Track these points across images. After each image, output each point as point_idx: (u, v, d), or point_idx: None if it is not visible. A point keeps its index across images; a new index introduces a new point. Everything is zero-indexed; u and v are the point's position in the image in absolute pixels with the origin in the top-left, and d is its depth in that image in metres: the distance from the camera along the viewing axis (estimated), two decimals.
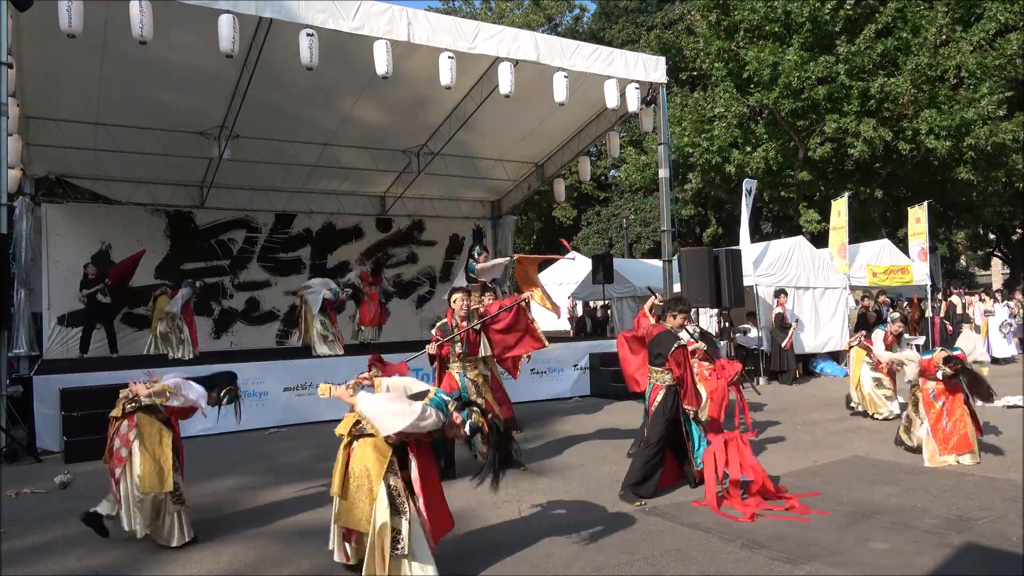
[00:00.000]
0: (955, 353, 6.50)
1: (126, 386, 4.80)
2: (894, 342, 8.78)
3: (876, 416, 8.98)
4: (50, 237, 12.67)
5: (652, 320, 6.34)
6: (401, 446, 3.79)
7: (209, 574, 4.22)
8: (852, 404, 9.48)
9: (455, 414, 3.78)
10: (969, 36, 17.87)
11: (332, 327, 10.99)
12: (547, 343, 7.02)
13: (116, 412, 4.74)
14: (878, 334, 9.16)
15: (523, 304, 6.95)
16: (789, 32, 18.78)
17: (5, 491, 6.16)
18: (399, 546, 3.64)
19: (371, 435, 3.79)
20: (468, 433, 3.82)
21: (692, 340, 6.54)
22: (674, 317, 6.06)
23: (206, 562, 4.39)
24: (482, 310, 6.96)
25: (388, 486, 3.69)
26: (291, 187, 14.91)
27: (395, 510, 3.67)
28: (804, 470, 6.36)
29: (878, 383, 9.15)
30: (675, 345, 5.74)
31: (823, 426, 8.55)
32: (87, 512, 4.69)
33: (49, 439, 7.91)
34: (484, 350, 6.81)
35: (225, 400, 4.88)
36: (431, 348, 6.50)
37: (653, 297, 6.75)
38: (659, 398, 5.74)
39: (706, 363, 7.14)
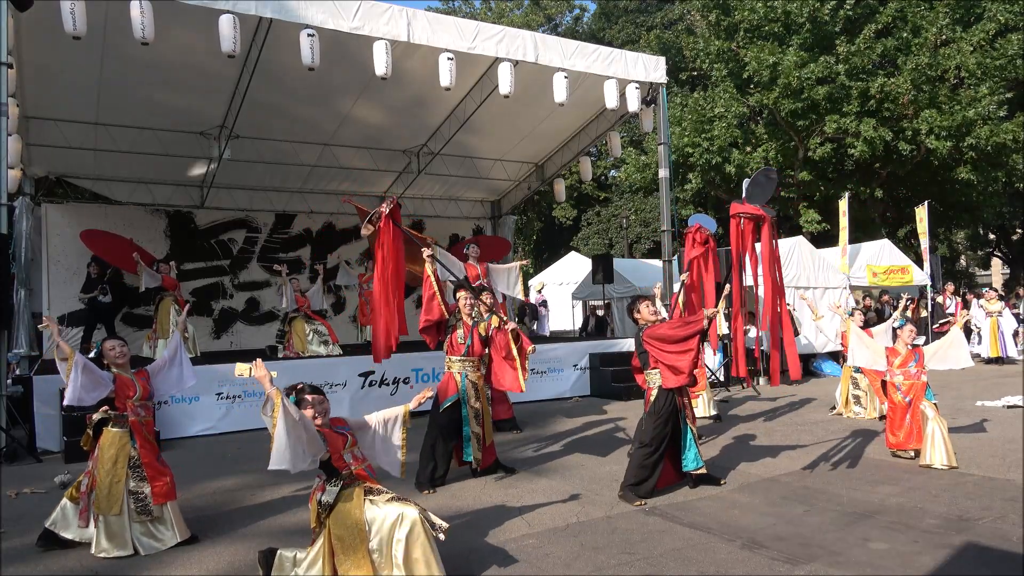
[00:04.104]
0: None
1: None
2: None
3: (849, 416, 9.17)
4: (50, 237, 12.66)
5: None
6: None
7: (209, 574, 4.22)
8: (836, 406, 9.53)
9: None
10: (969, 36, 17.88)
11: (323, 326, 11.06)
12: (523, 388, 6.48)
13: (85, 444, 4.72)
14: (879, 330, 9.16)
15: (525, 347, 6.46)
16: (789, 32, 18.80)
17: (5, 491, 6.17)
18: None
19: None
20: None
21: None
22: (638, 312, 5.86)
23: (206, 562, 4.39)
24: (494, 323, 6.67)
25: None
26: (291, 187, 14.91)
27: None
28: (804, 470, 6.36)
29: (855, 384, 9.24)
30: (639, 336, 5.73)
31: (823, 426, 8.55)
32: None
33: (49, 439, 7.92)
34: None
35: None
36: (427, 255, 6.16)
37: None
38: (652, 398, 5.71)
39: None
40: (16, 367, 9.36)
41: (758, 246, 5.86)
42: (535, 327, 18.69)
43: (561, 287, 21.55)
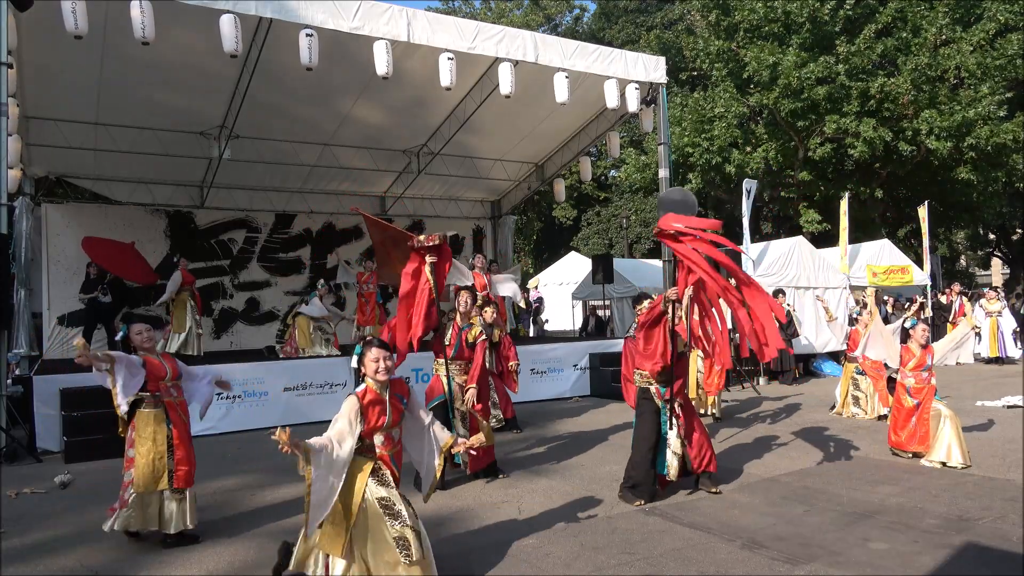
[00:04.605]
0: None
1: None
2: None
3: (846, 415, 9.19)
4: (50, 237, 12.66)
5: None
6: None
7: (209, 574, 4.22)
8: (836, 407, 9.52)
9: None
10: (969, 36, 17.88)
11: (327, 324, 11.13)
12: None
13: (121, 431, 4.77)
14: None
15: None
16: (789, 32, 18.80)
17: (5, 491, 6.16)
18: None
19: None
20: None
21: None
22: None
23: (206, 562, 4.39)
24: (491, 333, 6.72)
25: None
26: (291, 187, 14.91)
27: None
28: (804, 470, 6.36)
29: (856, 384, 9.24)
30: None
31: (823, 426, 8.55)
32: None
33: (49, 439, 7.91)
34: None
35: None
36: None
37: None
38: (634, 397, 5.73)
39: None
40: (16, 367, 9.36)
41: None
42: (544, 324, 18.77)
43: (561, 287, 21.55)
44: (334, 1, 8.72)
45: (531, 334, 18.18)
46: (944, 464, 6.30)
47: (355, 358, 3.82)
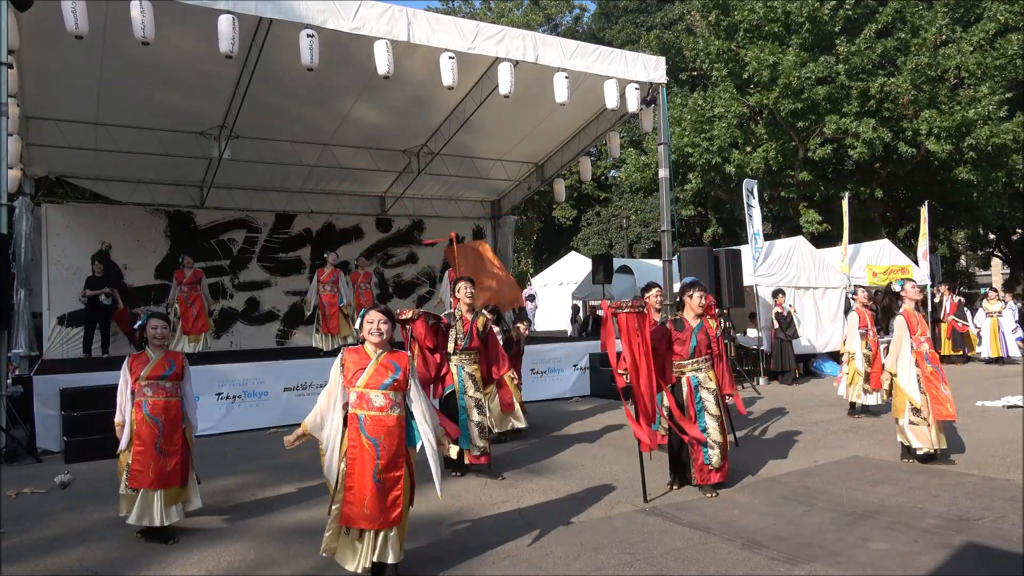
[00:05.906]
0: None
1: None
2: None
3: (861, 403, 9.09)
4: (50, 237, 12.64)
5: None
6: None
7: (209, 574, 4.22)
8: (852, 403, 9.39)
9: None
10: (969, 36, 17.89)
11: (322, 322, 11.31)
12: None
13: None
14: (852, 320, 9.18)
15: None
16: (789, 32, 18.81)
17: (5, 491, 6.17)
18: None
19: None
20: None
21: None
22: (690, 298, 5.92)
23: (206, 562, 4.39)
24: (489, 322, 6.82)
25: None
26: (291, 187, 14.90)
27: None
28: (804, 470, 6.35)
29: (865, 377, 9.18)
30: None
31: (823, 426, 8.55)
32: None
33: (49, 439, 7.92)
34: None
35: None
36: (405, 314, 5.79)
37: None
38: None
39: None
40: (16, 367, 9.36)
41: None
42: (582, 322, 18.82)
43: (561, 287, 21.54)
44: (334, 1, 8.72)
45: (569, 332, 18.22)
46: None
47: (359, 320, 4.04)
